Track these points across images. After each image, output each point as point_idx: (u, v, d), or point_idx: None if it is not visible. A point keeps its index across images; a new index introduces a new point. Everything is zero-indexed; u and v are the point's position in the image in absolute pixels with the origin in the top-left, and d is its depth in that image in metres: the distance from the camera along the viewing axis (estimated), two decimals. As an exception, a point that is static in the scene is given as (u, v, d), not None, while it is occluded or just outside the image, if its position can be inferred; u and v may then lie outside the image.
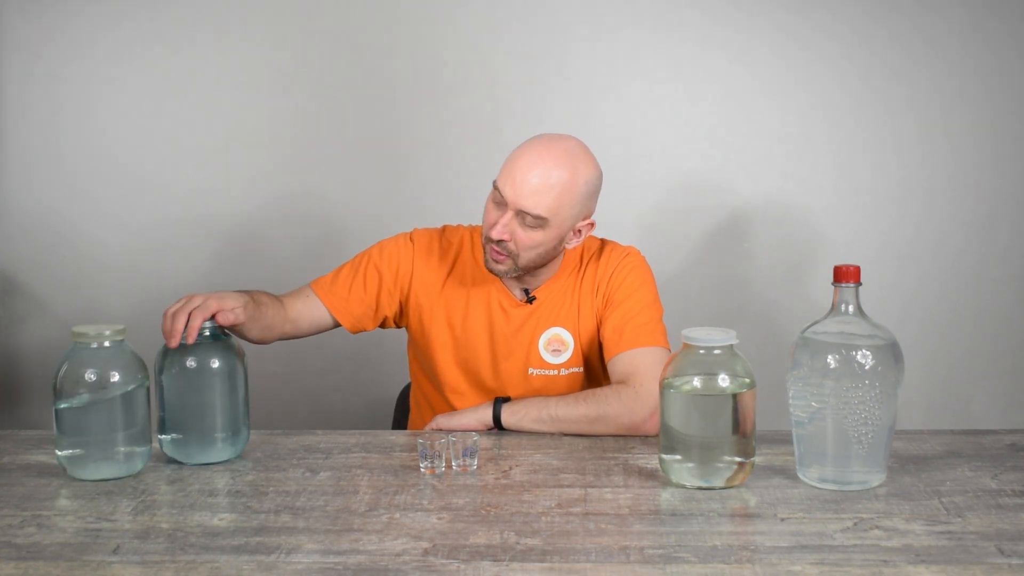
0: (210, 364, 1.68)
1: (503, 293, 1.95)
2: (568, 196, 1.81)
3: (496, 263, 1.86)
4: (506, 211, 1.81)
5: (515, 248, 1.83)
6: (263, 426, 1.94)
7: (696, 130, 2.72)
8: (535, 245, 1.83)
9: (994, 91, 2.68)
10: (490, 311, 1.95)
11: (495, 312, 1.95)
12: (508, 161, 1.83)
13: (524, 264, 1.86)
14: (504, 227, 1.81)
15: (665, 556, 1.32)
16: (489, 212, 1.85)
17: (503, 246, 1.83)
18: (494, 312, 1.95)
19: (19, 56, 2.73)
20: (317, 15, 2.71)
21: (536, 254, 1.85)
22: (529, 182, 1.79)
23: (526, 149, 1.82)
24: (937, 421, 2.70)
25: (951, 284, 2.74)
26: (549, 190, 1.79)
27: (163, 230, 2.78)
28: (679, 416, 1.55)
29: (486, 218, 1.85)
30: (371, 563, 1.31)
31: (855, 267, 1.54)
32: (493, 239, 1.83)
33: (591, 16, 2.69)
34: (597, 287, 1.94)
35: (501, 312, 1.95)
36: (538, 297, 1.94)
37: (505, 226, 1.81)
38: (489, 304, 1.95)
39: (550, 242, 1.84)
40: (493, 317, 1.95)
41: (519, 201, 1.79)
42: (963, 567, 1.28)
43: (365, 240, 2.15)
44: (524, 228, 1.82)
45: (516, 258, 1.84)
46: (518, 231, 1.82)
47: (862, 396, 1.51)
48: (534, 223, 1.81)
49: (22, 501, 1.54)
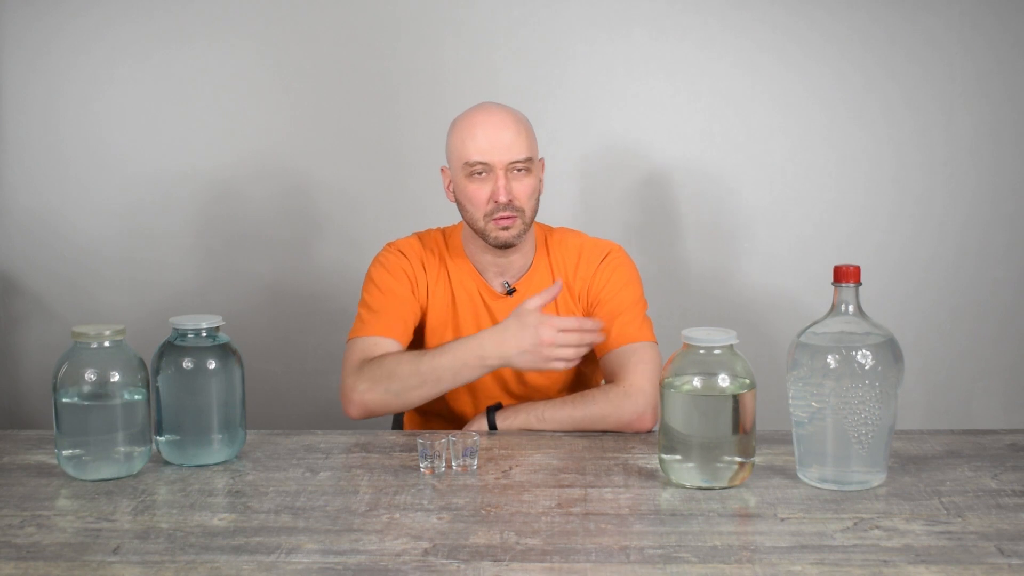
0: (206, 365, 1.68)
1: (484, 288, 1.98)
2: (530, 132, 1.93)
3: (506, 229, 1.89)
4: (495, 176, 1.88)
5: (520, 203, 1.89)
6: (263, 426, 1.95)
7: (695, 131, 2.72)
8: (532, 192, 1.91)
9: (993, 91, 2.68)
10: (476, 308, 1.98)
11: (480, 308, 1.98)
12: (465, 138, 1.89)
13: (529, 217, 1.92)
14: (505, 188, 1.87)
15: (665, 556, 1.32)
16: (476, 191, 1.89)
17: (510, 207, 1.88)
18: (479, 308, 1.98)
19: (19, 56, 2.73)
20: (318, 15, 2.71)
21: (534, 201, 1.93)
22: (503, 137, 1.88)
23: (474, 120, 1.90)
24: (937, 421, 2.70)
25: (951, 284, 2.74)
26: (518, 133, 1.89)
27: (163, 230, 2.78)
28: (679, 416, 1.55)
29: (476, 197, 1.89)
30: (371, 563, 1.31)
31: (855, 267, 1.54)
32: (502, 203, 1.87)
33: (591, 17, 2.69)
34: (580, 287, 1.97)
35: (485, 308, 1.98)
36: (518, 290, 1.97)
37: (505, 187, 1.87)
38: (474, 301, 1.98)
39: (537, 184, 1.93)
40: (479, 313, 1.98)
41: (507, 156, 1.87)
42: (963, 567, 1.28)
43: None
44: (518, 181, 1.89)
45: (522, 214, 1.90)
46: (515, 186, 1.89)
47: (862, 396, 1.51)
48: (523, 167, 1.89)
49: (22, 501, 1.54)
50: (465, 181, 1.90)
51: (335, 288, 2.76)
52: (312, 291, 2.79)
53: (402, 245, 2.01)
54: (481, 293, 1.98)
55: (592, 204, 2.74)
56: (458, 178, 1.92)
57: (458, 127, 1.92)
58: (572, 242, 2.01)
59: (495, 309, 1.98)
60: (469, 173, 1.89)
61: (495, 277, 1.99)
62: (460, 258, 2.00)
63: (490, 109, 1.92)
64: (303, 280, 2.80)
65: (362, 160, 2.75)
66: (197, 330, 1.69)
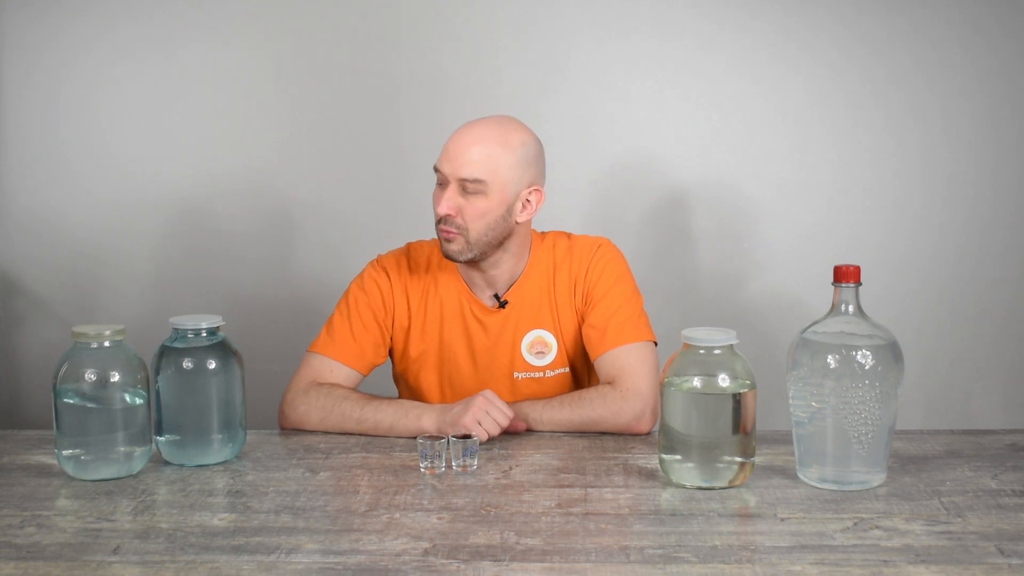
0: (206, 365, 1.68)
1: (473, 302, 1.94)
2: (503, 157, 1.82)
3: (448, 243, 1.85)
4: (448, 187, 1.83)
5: (463, 222, 1.83)
6: (263, 426, 1.95)
7: (696, 132, 2.71)
8: (481, 214, 1.82)
9: (993, 92, 2.67)
10: (465, 322, 1.94)
11: (470, 322, 1.94)
12: (445, 141, 1.86)
13: (475, 239, 1.83)
14: (448, 201, 1.82)
15: (665, 556, 1.32)
16: (434, 197, 1.86)
17: (451, 222, 1.83)
18: (469, 322, 1.94)
19: (19, 56, 2.73)
20: (316, 16, 2.71)
21: (484, 224, 1.83)
22: (463, 151, 1.81)
23: (459, 127, 1.86)
24: (937, 421, 2.70)
25: (951, 284, 2.73)
26: (482, 152, 1.81)
27: (163, 230, 2.78)
28: (679, 416, 1.55)
29: (433, 202, 1.86)
30: (371, 563, 1.31)
31: (855, 267, 1.54)
32: (439, 215, 1.83)
33: (593, 18, 2.69)
34: (574, 284, 1.93)
35: (476, 322, 1.94)
36: (510, 301, 1.93)
37: (449, 200, 1.82)
38: (463, 315, 1.94)
39: (496, 210, 1.83)
40: (469, 327, 1.94)
41: (457, 170, 1.81)
42: (963, 567, 1.28)
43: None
44: (467, 198, 1.82)
45: (466, 233, 1.83)
46: (462, 203, 1.82)
47: (862, 396, 1.51)
48: (475, 188, 1.81)
49: (22, 501, 1.54)
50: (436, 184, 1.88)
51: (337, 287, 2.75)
52: (313, 291, 2.78)
53: (387, 262, 1.98)
54: (471, 308, 1.94)
55: (595, 207, 2.74)
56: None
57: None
58: (562, 244, 1.97)
59: (486, 323, 1.93)
60: (437, 177, 1.86)
61: (486, 289, 1.94)
62: (450, 271, 1.95)
63: (477, 122, 1.86)
64: (304, 280, 2.79)
65: (364, 163, 2.74)
66: (197, 330, 1.69)
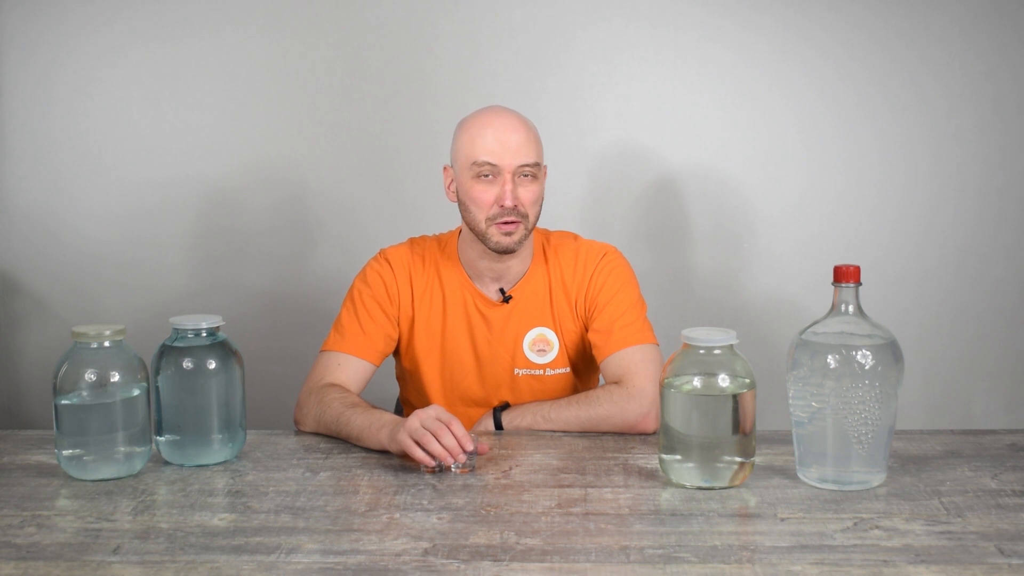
0: (206, 365, 1.68)
1: (478, 296, 1.95)
2: (538, 138, 1.90)
3: (508, 235, 1.86)
4: (503, 180, 1.84)
5: (524, 209, 1.87)
6: (263, 426, 1.95)
7: (698, 128, 2.72)
8: (537, 198, 1.89)
9: (999, 91, 2.67)
10: (468, 316, 1.95)
11: (473, 315, 1.95)
12: (475, 137, 1.86)
13: (532, 224, 1.89)
14: (511, 193, 1.85)
15: (665, 556, 1.32)
16: (481, 193, 1.86)
17: (516, 212, 1.85)
18: (472, 316, 1.95)
19: (16, 56, 2.73)
20: (312, 14, 2.71)
21: (538, 208, 1.90)
22: (513, 140, 1.85)
23: (485, 119, 1.87)
24: (937, 421, 2.70)
25: (952, 284, 2.73)
26: (528, 138, 1.87)
27: (163, 230, 2.78)
28: (679, 416, 1.55)
29: (481, 199, 1.86)
30: (371, 563, 1.31)
31: (855, 267, 1.54)
32: (507, 207, 1.84)
33: (591, 13, 2.69)
34: (578, 290, 1.95)
35: (479, 315, 1.95)
36: (514, 296, 1.94)
37: (512, 192, 1.85)
38: (467, 309, 1.95)
39: (542, 191, 1.91)
40: (472, 321, 1.95)
41: (516, 159, 1.84)
42: (963, 567, 1.28)
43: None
44: (523, 186, 1.86)
45: (526, 220, 1.88)
46: (520, 191, 1.86)
47: (862, 396, 1.51)
48: (531, 173, 1.86)
49: (22, 501, 1.54)
50: (471, 182, 1.86)
51: (337, 287, 2.75)
52: (313, 291, 2.78)
53: (391, 255, 1.98)
54: (476, 302, 1.95)
55: (593, 204, 2.74)
56: (463, 178, 1.88)
57: (468, 125, 1.89)
58: (568, 247, 1.98)
59: (489, 317, 1.94)
60: (476, 174, 1.85)
61: (491, 283, 1.95)
62: (454, 265, 1.96)
63: (501, 111, 1.89)
64: (304, 280, 2.80)
65: (363, 162, 2.75)
66: (197, 330, 1.69)
